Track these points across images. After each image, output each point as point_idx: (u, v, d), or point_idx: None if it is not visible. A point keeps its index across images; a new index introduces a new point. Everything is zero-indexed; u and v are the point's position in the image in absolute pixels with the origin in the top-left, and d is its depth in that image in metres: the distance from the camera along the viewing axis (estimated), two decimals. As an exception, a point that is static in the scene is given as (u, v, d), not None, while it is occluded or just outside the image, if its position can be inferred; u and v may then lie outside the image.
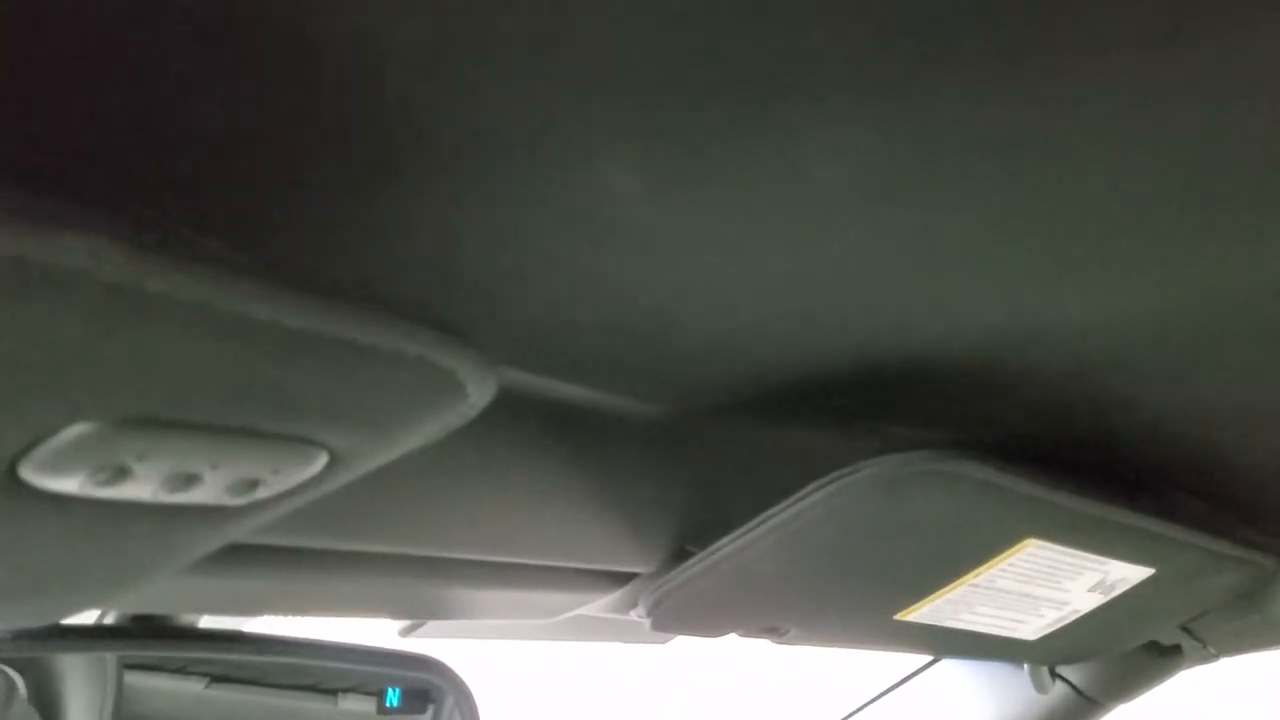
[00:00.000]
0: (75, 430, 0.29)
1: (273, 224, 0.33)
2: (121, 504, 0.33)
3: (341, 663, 0.75)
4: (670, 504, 0.69)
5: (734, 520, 0.66)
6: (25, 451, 0.29)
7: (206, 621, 0.75)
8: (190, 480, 0.32)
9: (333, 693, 0.77)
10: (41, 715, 0.71)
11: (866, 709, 1.24)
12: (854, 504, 0.62)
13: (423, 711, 0.79)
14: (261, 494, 0.35)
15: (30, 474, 0.30)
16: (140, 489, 0.32)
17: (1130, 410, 0.66)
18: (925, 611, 0.79)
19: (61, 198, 0.24)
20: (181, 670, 0.74)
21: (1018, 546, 0.73)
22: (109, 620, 0.72)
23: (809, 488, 0.62)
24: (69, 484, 0.30)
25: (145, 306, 0.26)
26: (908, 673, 1.28)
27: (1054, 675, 1.11)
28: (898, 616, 0.79)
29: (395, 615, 0.71)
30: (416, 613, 0.70)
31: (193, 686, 0.74)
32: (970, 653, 1.04)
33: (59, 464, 0.29)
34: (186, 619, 0.74)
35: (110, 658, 0.72)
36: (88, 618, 0.73)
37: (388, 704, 0.77)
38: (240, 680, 0.75)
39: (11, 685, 0.70)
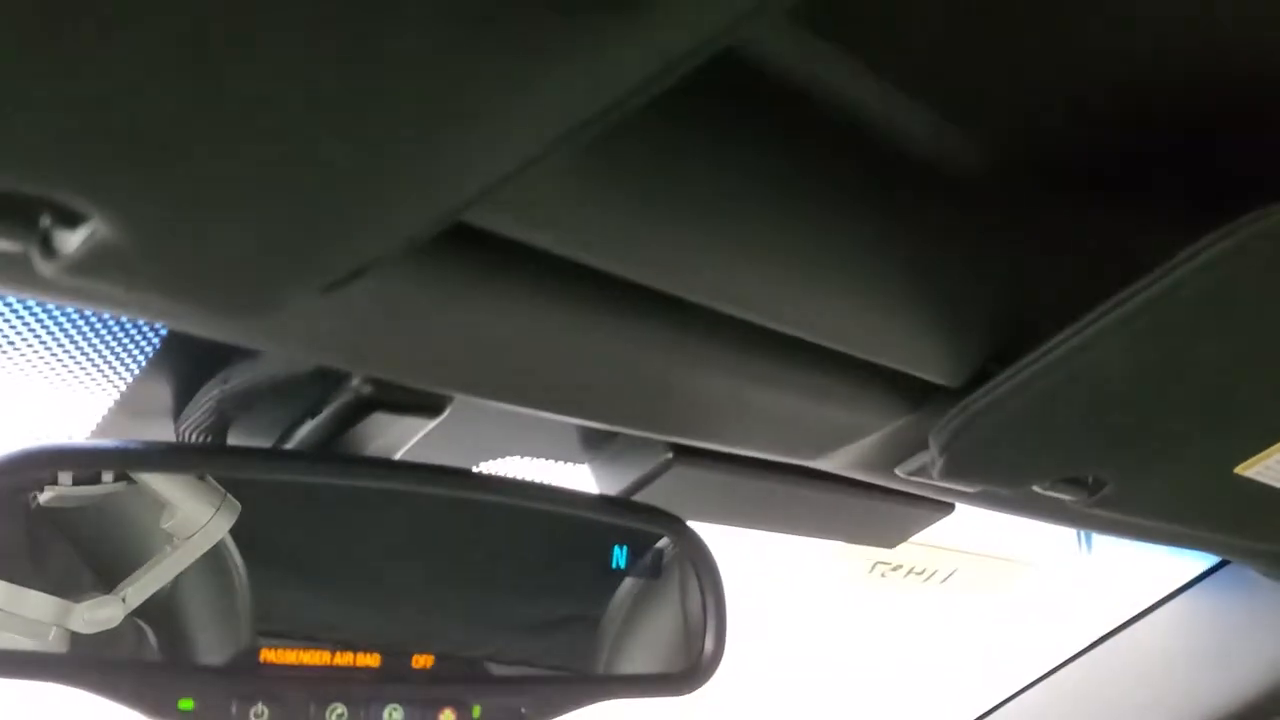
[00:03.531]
0: None
1: None
2: None
3: (571, 509, 0.64)
4: (979, 295, 0.56)
5: (1045, 333, 0.53)
6: None
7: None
8: None
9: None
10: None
11: (1116, 636, 1.08)
12: (1226, 283, 0.47)
13: (655, 577, 0.67)
14: None
15: None
16: None
17: None
18: (1272, 463, 0.64)
19: None
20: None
21: None
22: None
23: (1168, 264, 0.48)
24: None
25: None
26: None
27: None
28: (1238, 469, 0.64)
29: (632, 422, 0.58)
30: (658, 424, 0.58)
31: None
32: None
33: None
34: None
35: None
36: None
37: (613, 565, 0.65)
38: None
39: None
